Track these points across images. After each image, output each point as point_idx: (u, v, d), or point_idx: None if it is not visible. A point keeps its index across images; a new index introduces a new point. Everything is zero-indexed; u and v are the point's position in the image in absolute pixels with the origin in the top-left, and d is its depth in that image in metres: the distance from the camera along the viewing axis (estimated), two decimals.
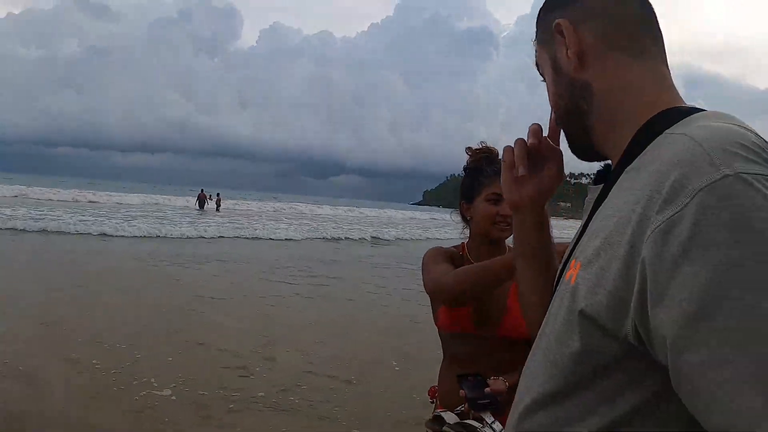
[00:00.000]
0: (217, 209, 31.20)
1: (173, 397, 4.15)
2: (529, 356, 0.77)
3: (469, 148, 1.84)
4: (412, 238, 24.50)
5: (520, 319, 1.48)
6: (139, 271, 9.71)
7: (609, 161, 0.80)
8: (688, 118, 0.66)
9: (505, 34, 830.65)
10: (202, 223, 19.96)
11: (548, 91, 0.84)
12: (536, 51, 0.87)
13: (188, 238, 15.99)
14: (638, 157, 0.67)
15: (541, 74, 0.87)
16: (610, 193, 0.69)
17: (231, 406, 4.08)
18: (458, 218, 1.91)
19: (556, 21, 0.78)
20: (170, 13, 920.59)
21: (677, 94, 0.75)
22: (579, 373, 0.64)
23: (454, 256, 1.84)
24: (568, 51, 0.77)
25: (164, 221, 18.85)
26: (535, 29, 0.87)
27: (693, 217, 0.52)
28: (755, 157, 0.55)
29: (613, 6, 0.79)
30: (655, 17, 0.80)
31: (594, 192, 0.78)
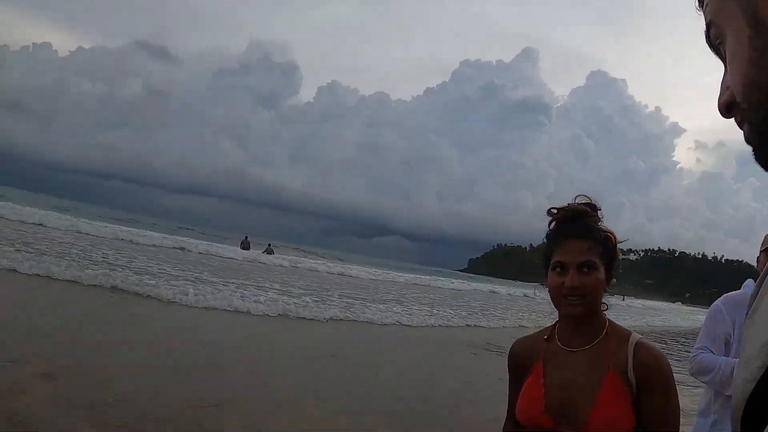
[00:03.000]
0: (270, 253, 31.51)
1: None
2: None
3: (550, 210, 1.57)
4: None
5: (612, 415, 1.37)
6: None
7: None
8: None
9: (558, 105, 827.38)
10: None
11: (732, 60, 0.58)
12: (709, 3, 0.62)
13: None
14: None
15: (711, 43, 0.62)
16: None
17: None
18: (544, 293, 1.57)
19: None
20: (232, 64, 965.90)
21: None
22: None
23: (532, 350, 1.57)
24: None
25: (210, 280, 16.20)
26: None
27: None
28: None
29: None
30: None
31: None
